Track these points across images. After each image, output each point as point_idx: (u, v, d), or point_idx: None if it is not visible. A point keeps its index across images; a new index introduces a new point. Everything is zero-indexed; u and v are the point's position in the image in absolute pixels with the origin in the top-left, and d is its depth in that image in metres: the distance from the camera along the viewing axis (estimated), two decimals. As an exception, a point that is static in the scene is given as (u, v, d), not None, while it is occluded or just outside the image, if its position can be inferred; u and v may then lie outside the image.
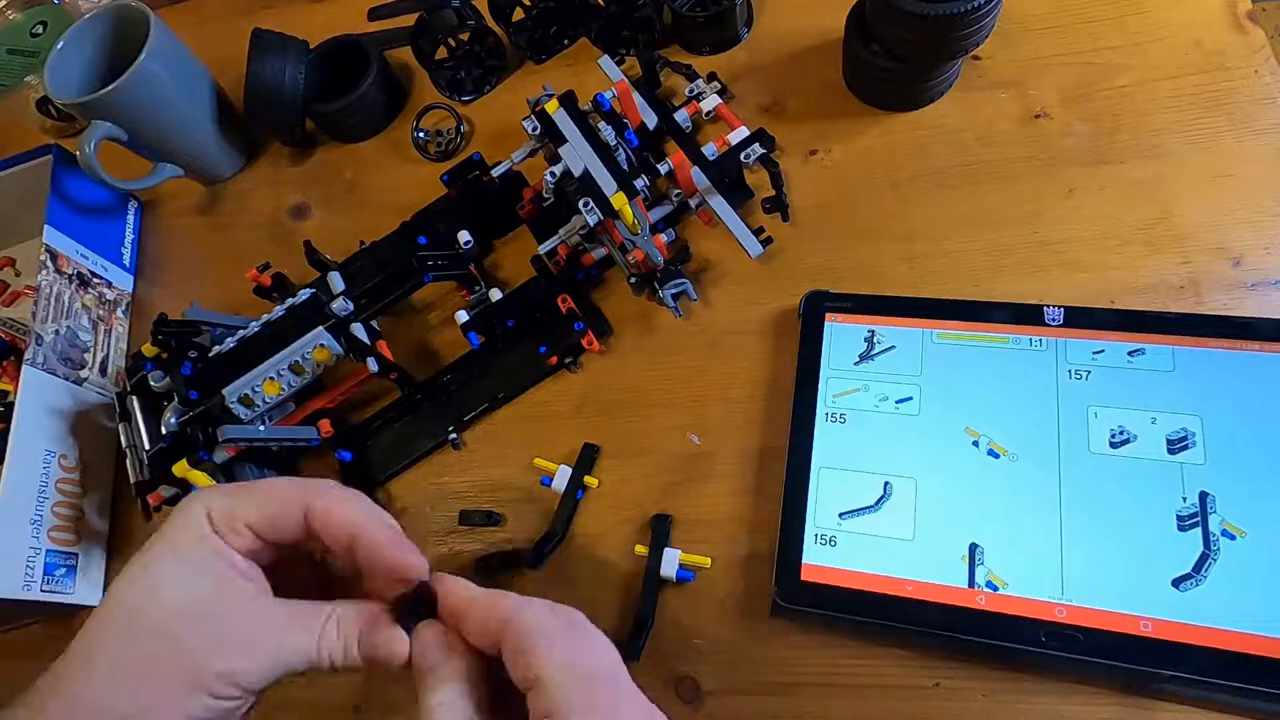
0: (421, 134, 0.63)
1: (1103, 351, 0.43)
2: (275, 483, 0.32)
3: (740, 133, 0.53)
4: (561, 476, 0.48)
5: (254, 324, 0.51)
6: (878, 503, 0.42)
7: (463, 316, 0.52)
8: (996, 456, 0.42)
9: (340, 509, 0.31)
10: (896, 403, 0.44)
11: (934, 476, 0.42)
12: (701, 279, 0.52)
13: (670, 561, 0.44)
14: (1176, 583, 0.37)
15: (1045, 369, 0.43)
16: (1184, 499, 0.38)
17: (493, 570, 0.47)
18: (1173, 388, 0.41)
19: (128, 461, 0.51)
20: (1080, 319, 0.44)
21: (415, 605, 0.31)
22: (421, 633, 0.31)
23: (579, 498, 0.48)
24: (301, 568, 0.35)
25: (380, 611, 0.31)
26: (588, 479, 0.48)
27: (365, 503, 0.32)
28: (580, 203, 0.49)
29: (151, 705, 0.28)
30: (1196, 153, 0.48)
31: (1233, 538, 0.37)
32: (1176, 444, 0.40)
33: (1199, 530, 0.38)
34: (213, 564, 0.30)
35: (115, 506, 0.56)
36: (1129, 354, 0.42)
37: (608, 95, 0.53)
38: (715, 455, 0.47)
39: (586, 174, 0.50)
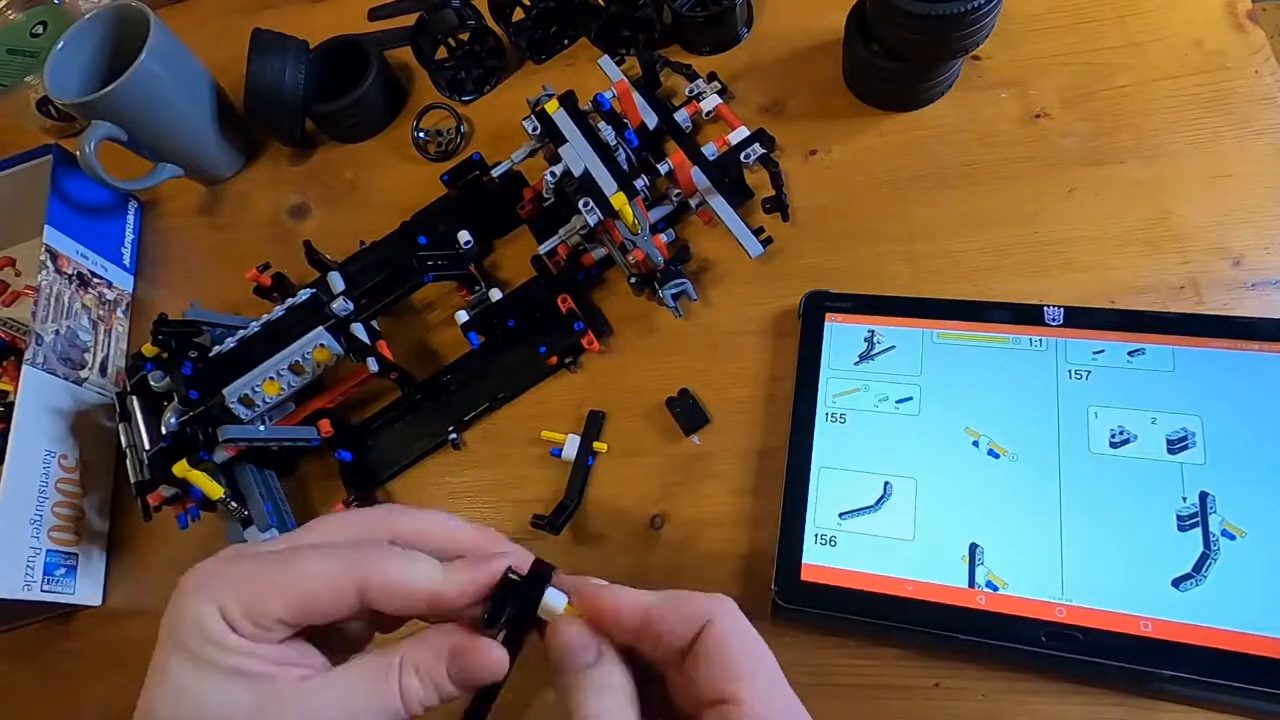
0: (421, 134, 0.63)
1: (1103, 351, 0.43)
2: (310, 559, 0.26)
3: (740, 133, 0.53)
4: (571, 445, 0.49)
5: (254, 324, 0.51)
6: (878, 503, 0.42)
7: (463, 316, 0.52)
8: (996, 456, 0.42)
9: (405, 582, 0.26)
10: (896, 403, 0.44)
11: (934, 476, 0.42)
12: (701, 279, 0.52)
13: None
14: (1176, 583, 0.37)
15: (1045, 369, 0.43)
16: (1184, 499, 0.38)
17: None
18: (1173, 388, 0.41)
19: (128, 461, 0.51)
20: (1080, 319, 0.44)
21: (516, 597, 0.26)
22: (566, 627, 0.27)
23: (590, 464, 0.48)
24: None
25: (457, 632, 0.27)
26: (597, 445, 0.49)
27: (426, 560, 0.27)
28: (580, 203, 0.49)
29: None
30: (1196, 153, 0.48)
31: (1233, 538, 0.37)
32: (1176, 444, 0.40)
33: (1199, 530, 0.38)
34: (246, 668, 0.25)
35: (115, 506, 0.56)
36: (1129, 354, 0.42)
37: (608, 95, 0.53)
38: (715, 455, 0.47)
39: (586, 174, 0.50)
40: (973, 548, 0.40)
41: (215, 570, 0.26)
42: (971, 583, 0.39)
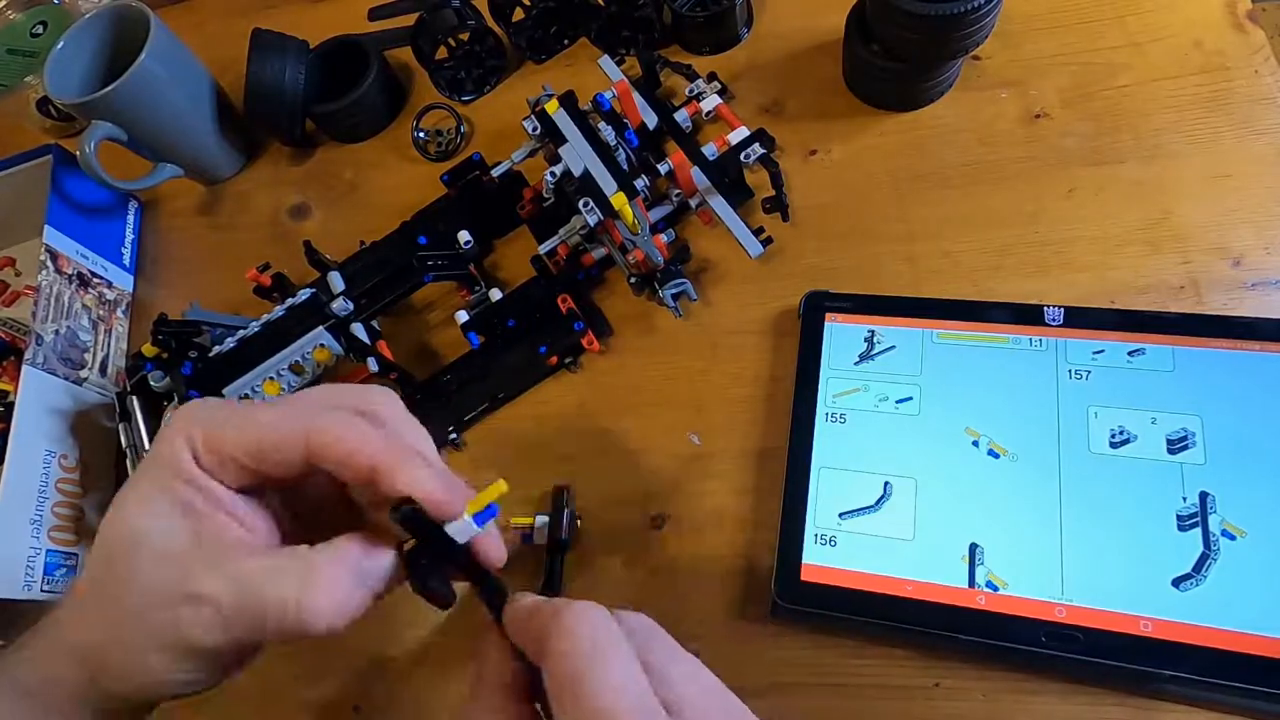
0: (421, 134, 0.63)
1: (1103, 351, 0.43)
2: (269, 409, 0.27)
3: (740, 133, 0.53)
4: (540, 527, 0.46)
5: (254, 324, 0.51)
6: (878, 503, 0.42)
7: (463, 316, 0.52)
8: (996, 456, 0.42)
9: (345, 438, 0.26)
10: (896, 403, 0.44)
11: (934, 476, 0.42)
12: (701, 279, 0.52)
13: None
14: (1177, 583, 0.37)
15: (1045, 369, 0.43)
16: (1184, 499, 0.38)
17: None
18: (1173, 388, 0.41)
19: (128, 461, 0.51)
20: (1080, 319, 0.44)
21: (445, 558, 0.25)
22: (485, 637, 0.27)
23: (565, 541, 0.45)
24: (330, 503, 0.30)
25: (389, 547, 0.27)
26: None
27: (381, 429, 0.27)
28: (580, 203, 0.49)
29: (124, 634, 0.26)
30: (1196, 153, 0.48)
31: (1233, 538, 0.37)
32: (1176, 444, 0.40)
33: (1199, 530, 0.38)
34: (191, 501, 0.26)
35: (115, 506, 0.56)
36: (1129, 354, 0.42)
37: (608, 95, 0.53)
38: (715, 455, 0.47)
39: (586, 174, 0.50)
40: (973, 548, 0.40)
41: (192, 408, 0.28)
42: (971, 583, 0.39)
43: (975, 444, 0.42)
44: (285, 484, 0.28)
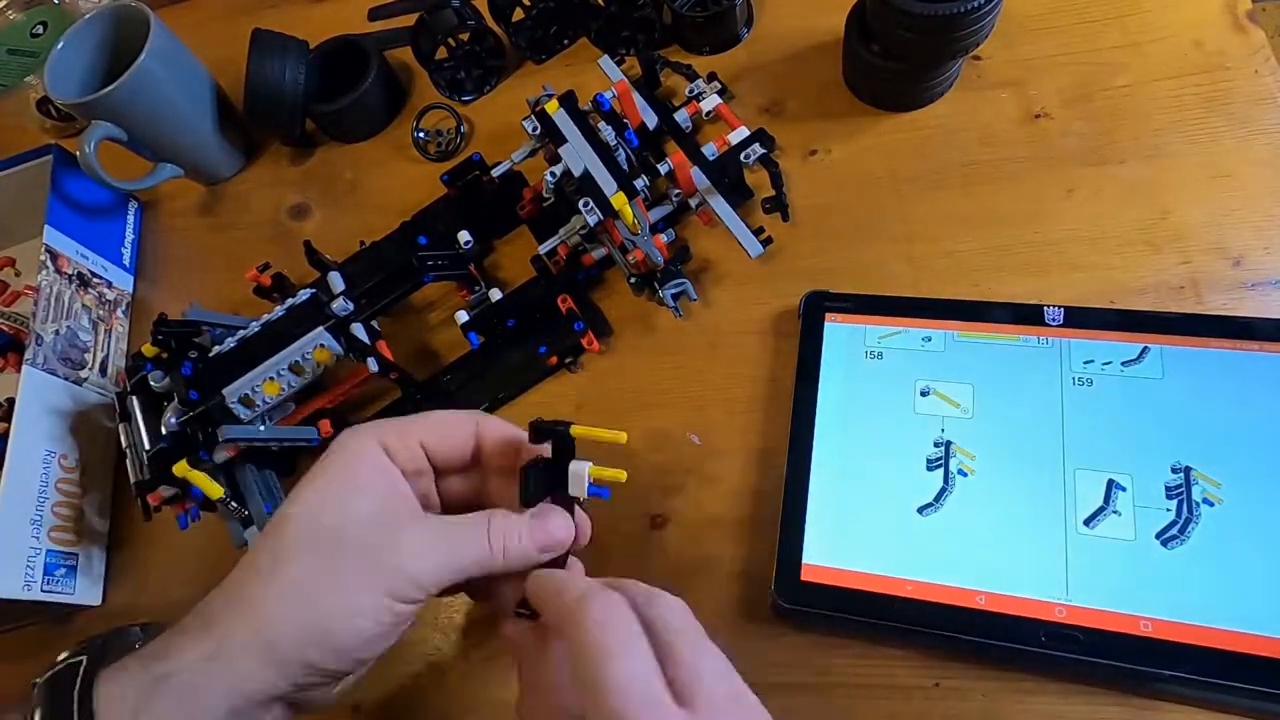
0: (421, 134, 0.63)
1: (1110, 362, 0.43)
2: (439, 412, 0.37)
3: (740, 133, 0.53)
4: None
5: (254, 324, 0.51)
6: (877, 502, 0.42)
7: (463, 316, 0.52)
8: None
9: (503, 424, 0.37)
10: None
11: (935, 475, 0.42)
12: (701, 279, 0.52)
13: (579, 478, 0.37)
14: (1165, 541, 0.37)
15: (1049, 369, 0.43)
16: (1182, 500, 0.38)
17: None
18: (1171, 389, 0.41)
19: (128, 461, 0.51)
20: (1080, 319, 0.44)
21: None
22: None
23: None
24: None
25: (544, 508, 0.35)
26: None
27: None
28: (580, 203, 0.49)
29: (334, 610, 0.28)
30: (1196, 153, 0.48)
31: (1232, 532, 0.37)
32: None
33: (1198, 532, 0.38)
34: (381, 482, 0.32)
35: (115, 506, 0.56)
36: (1123, 363, 0.42)
37: (608, 95, 0.53)
38: (715, 455, 0.47)
39: (586, 174, 0.50)
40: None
41: (368, 424, 0.35)
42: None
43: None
44: (445, 471, 0.37)
